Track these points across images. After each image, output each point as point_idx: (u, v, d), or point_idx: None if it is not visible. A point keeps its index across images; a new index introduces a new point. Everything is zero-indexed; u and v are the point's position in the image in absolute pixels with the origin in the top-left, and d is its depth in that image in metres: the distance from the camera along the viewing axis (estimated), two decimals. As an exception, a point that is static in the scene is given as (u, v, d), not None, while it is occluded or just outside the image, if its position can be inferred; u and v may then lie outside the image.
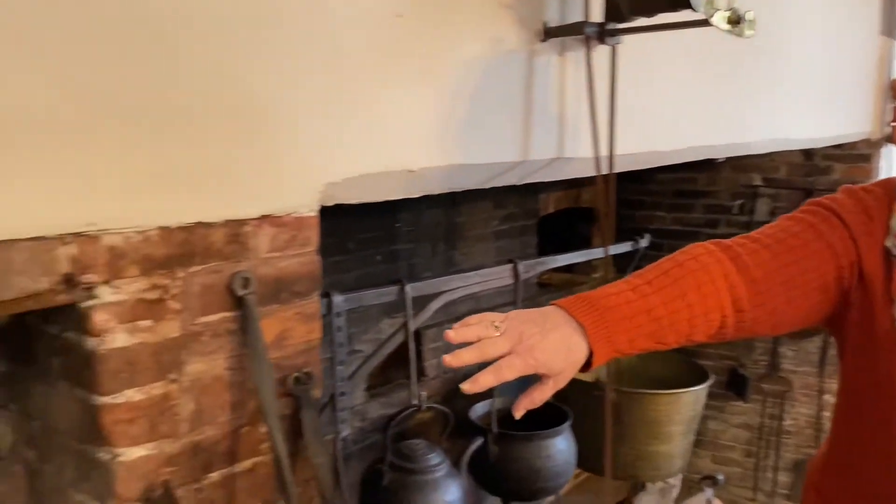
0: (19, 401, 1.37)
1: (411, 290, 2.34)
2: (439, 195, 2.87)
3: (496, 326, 1.04)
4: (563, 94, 1.82)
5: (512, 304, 3.20)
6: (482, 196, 3.17)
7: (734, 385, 3.38)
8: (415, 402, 2.40)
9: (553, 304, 1.13)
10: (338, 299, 2.01)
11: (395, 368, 3.00)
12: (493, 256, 3.28)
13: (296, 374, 1.44)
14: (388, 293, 2.32)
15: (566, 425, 2.63)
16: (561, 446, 2.62)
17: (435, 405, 2.44)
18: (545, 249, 3.45)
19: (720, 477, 3.12)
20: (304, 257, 1.46)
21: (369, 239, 2.79)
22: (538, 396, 1.10)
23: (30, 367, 1.33)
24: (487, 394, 3.06)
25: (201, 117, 1.26)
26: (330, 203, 1.49)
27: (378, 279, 2.69)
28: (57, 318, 1.25)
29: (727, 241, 1.23)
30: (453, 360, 1.05)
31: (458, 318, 2.96)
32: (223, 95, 1.29)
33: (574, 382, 1.16)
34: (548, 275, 3.51)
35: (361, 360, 2.38)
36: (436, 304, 2.46)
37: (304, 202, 1.43)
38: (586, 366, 1.11)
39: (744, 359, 3.38)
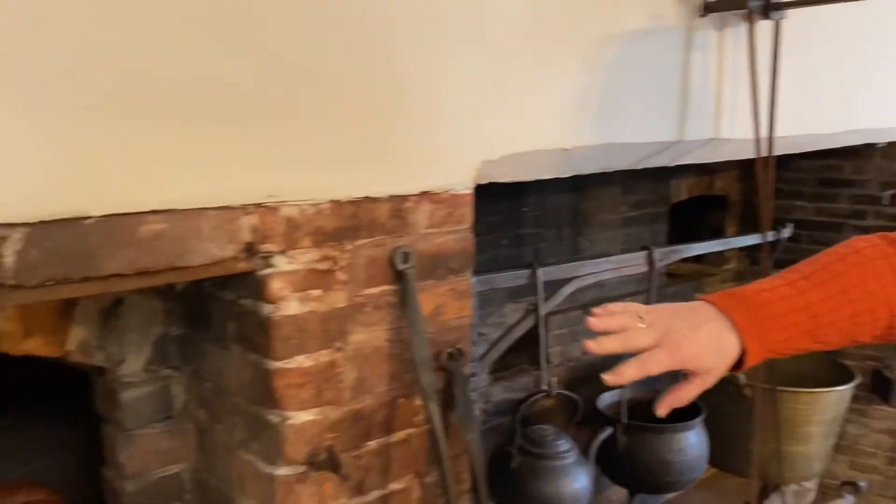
0: (192, 363, 1.45)
1: (543, 274, 2.32)
2: (566, 180, 2.83)
3: (640, 317, 1.01)
4: (721, 72, 1.75)
5: (638, 293, 3.13)
6: (610, 181, 3.09)
7: (878, 388, 3.16)
8: (544, 387, 2.38)
9: (701, 299, 1.08)
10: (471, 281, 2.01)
11: (515, 353, 2.99)
12: (620, 244, 3.20)
13: (449, 350, 1.45)
14: (519, 276, 2.31)
15: (699, 419, 2.54)
16: (693, 441, 2.53)
17: (565, 391, 2.41)
18: (672, 238, 3.34)
19: (863, 484, 2.93)
20: (459, 234, 1.47)
21: (496, 222, 2.78)
22: (684, 395, 1.05)
23: (204, 331, 1.41)
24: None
25: (370, 97, 1.29)
26: (484, 181, 1.49)
27: (503, 263, 2.68)
28: (232, 285, 1.32)
29: (893, 235, 1.13)
30: (597, 346, 1.02)
31: (584, 307, 2.91)
32: (392, 76, 1.31)
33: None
34: (675, 265, 3.39)
35: (489, 344, 2.38)
36: (567, 290, 2.43)
37: (461, 180, 1.44)
38: (737, 366, 1.05)
39: (890, 360, 3.15)
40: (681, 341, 0.98)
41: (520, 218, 2.93)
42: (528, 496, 2.24)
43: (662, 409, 1.06)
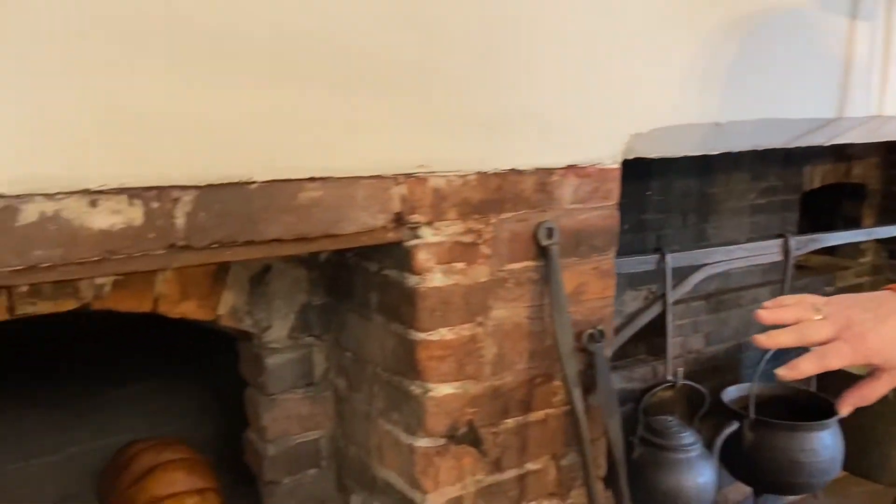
0: (333, 332, 1.48)
1: (671, 260, 2.23)
2: (693, 163, 2.70)
3: (818, 309, 0.94)
4: (888, 45, 1.61)
5: (764, 285, 2.98)
6: (739, 166, 2.95)
7: None
8: (669, 377, 2.30)
9: (887, 289, 1.00)
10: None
11: (632, 342, 2.90)
12: (748, 232, 3.05)
13: (590, 331, 1.41)
14: (646, 262, 2.23)
15: (835, 419, 2.38)
16: (827, 441, 2.38)
17: (690, 383, 2.32)
18: (803, 228, 3.15)
19: None
20: (605, 211, 1.42)
21: (620, 206, 2.70)
22: (870, 393, 0.96)
23: (345, 301, 1.43)
24: (741, 376, 2.88)
25: (519, 66, 1.26)
26: (631, 156, 1.43)
27: (624, 248, 2.59)
28: (376, 256, 1.32)
29: None
30: (767, 340, 0.95)
31: (707, 297, 2.78)
32: (541, 45, 1.27)
33: (842, 374, 1.02)
34: (805, 256, 3.20)
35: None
36: (696, 278, 2.33)
37: (609, 153, 1.39)
38: None
39: None
40: (865, 334, 0.92)
41: (643, 202, 2.83)
42: (648, 487, 2.17)
43: (845, 408, 0.99)
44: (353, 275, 1.39)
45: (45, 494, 1.63)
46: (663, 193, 2.86)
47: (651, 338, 2.74)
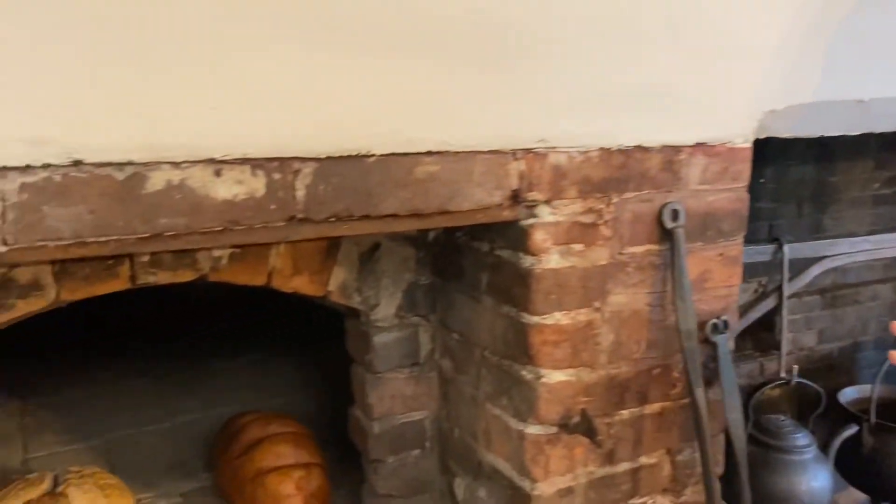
0: (439, 312, 1.45)
1: (789, 251, 2.10)
2: (811, 150, 2.53)
3: None
4: None
5: (883, 281, 2.77)
6: (863, 152, 2.74)
7: None
8: (783, 375, 2.17)
9: None
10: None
11: (739, 337, 2.76)
12: (869, 224, 2.84)
13: (713, 321, 1.32)
14: (761, 252, 2.11)
15: (969, 428, 2.19)
16: (958, 451, 2.19)
17: (806, 381, 2.18)
18: (930, 222, 2.91)
19: None
20: (734, 193, 1.33)
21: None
22: None
23: (453, 281, 1.39)
24: (856, 377, 2.70)
25: (645, 36, 1.18)
26: (763, 135, 1.33)
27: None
28: (487, 236, 1.28)
29: None
30: None
31: (821, 291, 2.59)
32: (667, 13, 1.18)
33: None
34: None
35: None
36: (815, 270, 2.19)
37: (740, 131, 1.30)
38: None
39: None
40: None
41: (756, 189, 2.67)
42: (757, 489, 2.05)
43: None
44: (462, 255, 1.35)
45: (156, 461, 1.69)
46: (778, 181, 2.70)
47: (758, 332, 2.60)
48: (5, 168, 0.86)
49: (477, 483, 1.37)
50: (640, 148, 1.22)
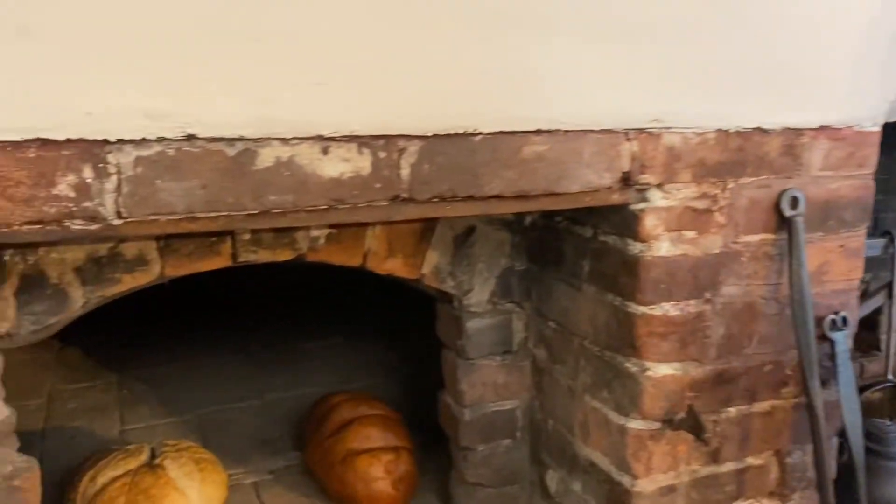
0: (534, 299, 1.40)
1: (902, 244, 1.95)
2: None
3: None
4: None
5: None
6: (982, 142, 2.55)
7: None
8: (890, 377, 2.03)
9: None
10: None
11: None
12: None
13: (832, 316, 1.24)
14: (872, 246, 1.97)
15: None
16: None
17: (917, 385, 2.04)
18: None
19: None
20: (859, 180, 1.24)
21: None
22: None
23: (551, 268, 1.35)
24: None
25: (765, 12, 1.10)
26: (893, 118, 1.23)
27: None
28: (590, 220, 1.23)
29: None
30: None
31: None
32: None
33: None
34: None
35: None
36: (929, 265, 2.03)
37: (868, 114, 1.20)
38: None
39: None
40: None
41: (862, 179, 2.52)
42: (859, 496, 1.95)
43: None
44: (561, 240, 1.31)
45: (246, 437, 1.71)
46: (887, 171, 2.53)
47: (859, 332, 2.46)
48: (121, 141, 0.86)
49: (572, 476, 1.33)
50: (759, 130, 1.14)
